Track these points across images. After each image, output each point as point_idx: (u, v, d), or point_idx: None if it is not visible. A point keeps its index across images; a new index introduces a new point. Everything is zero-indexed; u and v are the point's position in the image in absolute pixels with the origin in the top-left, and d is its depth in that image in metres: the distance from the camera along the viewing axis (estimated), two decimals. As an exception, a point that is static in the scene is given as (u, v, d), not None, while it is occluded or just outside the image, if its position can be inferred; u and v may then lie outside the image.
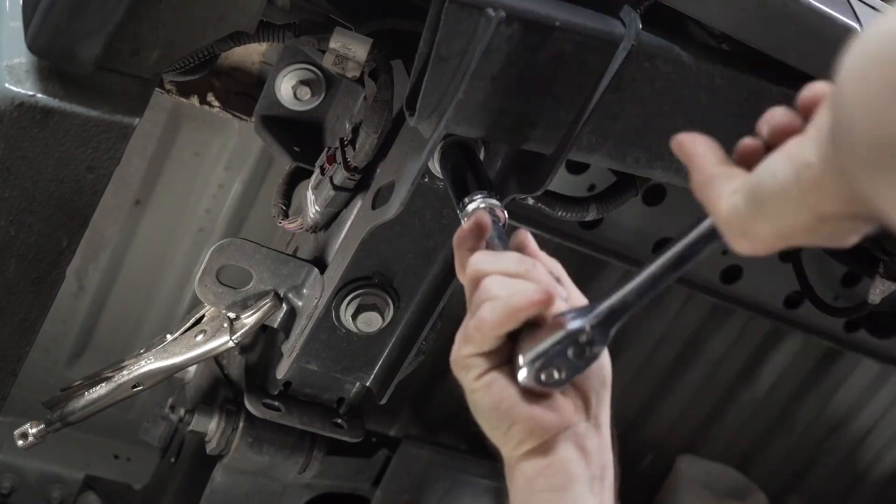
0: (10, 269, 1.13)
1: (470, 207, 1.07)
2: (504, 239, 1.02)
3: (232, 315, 1.40)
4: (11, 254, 1.12)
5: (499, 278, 0.95)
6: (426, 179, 1.25)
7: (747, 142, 0.81)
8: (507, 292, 0.92)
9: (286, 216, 1.48)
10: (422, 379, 2.03)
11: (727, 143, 1.22)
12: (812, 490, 2.60)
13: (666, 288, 0.94)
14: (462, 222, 1.07)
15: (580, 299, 1.01)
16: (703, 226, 0.88)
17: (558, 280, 1.00)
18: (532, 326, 0.94)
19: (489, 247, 1.00)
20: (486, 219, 1.00)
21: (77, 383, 1.42)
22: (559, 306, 0.94)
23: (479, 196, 1.07)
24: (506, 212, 1.07)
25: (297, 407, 1.57)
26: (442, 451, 1.84)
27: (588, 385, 0.97)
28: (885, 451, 2.57)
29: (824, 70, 1.16)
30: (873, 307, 1.64)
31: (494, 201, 1.06)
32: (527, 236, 1.03)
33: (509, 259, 0.97)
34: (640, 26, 1.07)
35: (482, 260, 0.97)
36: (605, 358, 1.00)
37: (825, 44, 1.15)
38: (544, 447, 0.94)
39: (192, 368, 1.71)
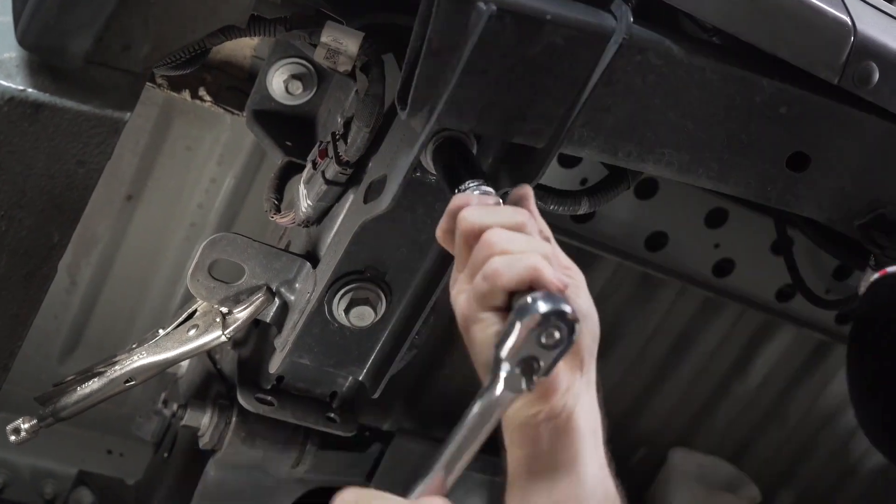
0: (1, 264, 1.12)
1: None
2: None
3: (224, 310, 1.40)
4: (2, 249, 1.11)
5: (501, 232, 0.96)
6: (418, 173, 1.25)
7: None
8: (517, 247, 0.94)
9: (278, 211, 1.48)
10: (415, 373, 2.03)
11: (719, 136, 1.22)
12: (804, 482, 2.61)
13: None
14: None
15: (563, 260, 1.03)
16: None
17: (547, 240, 1.02)
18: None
19: None
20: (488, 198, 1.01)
21: (69, 378, 1.42)
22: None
23: (473, 183, 1.06)
24: (501, 200, 1.07)
25: (290, 401, 1.56)
26: (435, 445, 1.84)
27: (581, 343, 0.99)
28: (877, 443, 2.58)
29: (816, 63, 1.17)
30: (864, 300, 1.64)
31: (488, 188, 1.06)
32: (528, 191, 1.04)
33: (505, 212, 0.99)
34: (632, 20, 1.07)
35: (477, 213, 0.98)
36: (593, 312, 1.02)
37: (816, 37, 1.15)
38: (549, 410, 0.98)
39: (185, 363, 1.71)
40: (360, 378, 1.47)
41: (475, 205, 1.00)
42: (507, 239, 0.96)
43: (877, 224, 1.34)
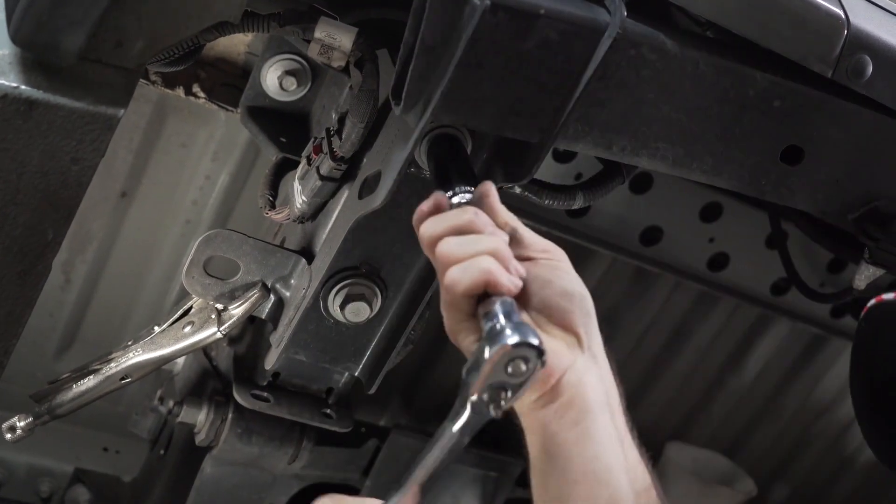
0: (-4, 261, 1.12)
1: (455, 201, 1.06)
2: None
3: (220, 306, 1.40)
4: (-3, 246, 1.11)
5: (450, 240, 0.99)
6: (412, 169, 1.24)
7: None
8: (466, 252, 0.97)
9: (273, 207, 1.48)
10: (411, 369, 2.03)
11: (712, 130, 1.22)
12: (799, 475, 2.62)
13: None
14: None
15: (538, 244, 1.04)
16: None
17: (514, 232, 1.03)
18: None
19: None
20: (444, 199, 1.03)
21: (65, 376, 1.42)
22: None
23: (462, 191, 1.06)
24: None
25: (286, 398, 1.57)
26: (431, 441, 1.84)
27: (573, 320, 1.01)
28: (872, 436, 2.58)
29: (809, 57, 1.17)
30: (859, 293, 1.64)
31: (469, 192, 1.06)
32: (490, 188, 1.06)
33: (451, 216, 1.01)
34: (626, 14, 1.07)
35: (430, 224, 1.02)
36: (580, 288, 1.03)
37: (810, 31, 1.15)
38: (552, 392, 0.99)
39: (181, 360, 1.71)
40: (356, 374, 1.47)
41: (430, 215, 1.03)
42: (456, 245, 0.98)
43: (871, 217, 1.35)
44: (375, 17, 1.29)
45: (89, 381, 1.39)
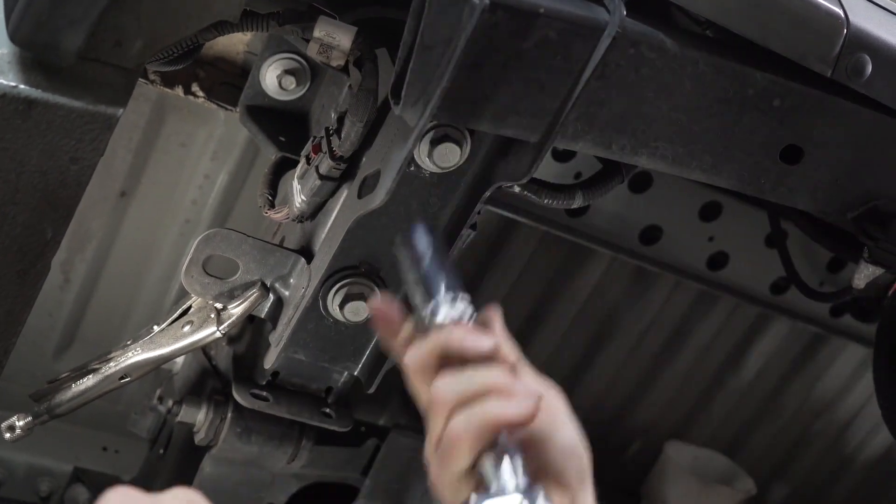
0: (-5, 261, 1.12)
1: (438, 319, 0.95)
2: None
3: (219, 305, 1.40)
4: (-4, 246, 1.11)
5: (449, 378, 0.91)
6: (412, 168, 1.25)
7: None
8: (467, 391, 0.90)
9: (272, 206, 1.48)
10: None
11: (712, 129, 1.22)
12: (799, 474, 2.62)
13: None
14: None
15: (532, 380, 0.99)
16: None
17: (514, 367, 0.96)
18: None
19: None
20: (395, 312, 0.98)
21: (64, 375, 1.42)
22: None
23: (449, 300, 0.96)
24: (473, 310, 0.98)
25: (286, 397, 1.57)
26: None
27: (570, 480, 0.96)
28: (871, 435, 2.59)
29: (809, 56, 1.17)
30: (858, 292, 1.64)
31: (462, 306, 0.96)
32: (495, 317, 0.99)
33: (468, 378, 0.91)
34: (625, 13, 1.07)
35: (417, 352, 0.94)
36: (579, 444, 0.98)
37: (809, 30, 1.15)
38: None
39: (180, 359, 1.71)
40: (356, 373, 1.47)
41: (443, 376, 0.93)
42: (456, 384, 0.91)
43: (870, 216, 1.35)
44: (375, 17, 1.29)
45: (88, 381, 1.39)
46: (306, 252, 1.41)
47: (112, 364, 1.39)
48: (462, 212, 1.32)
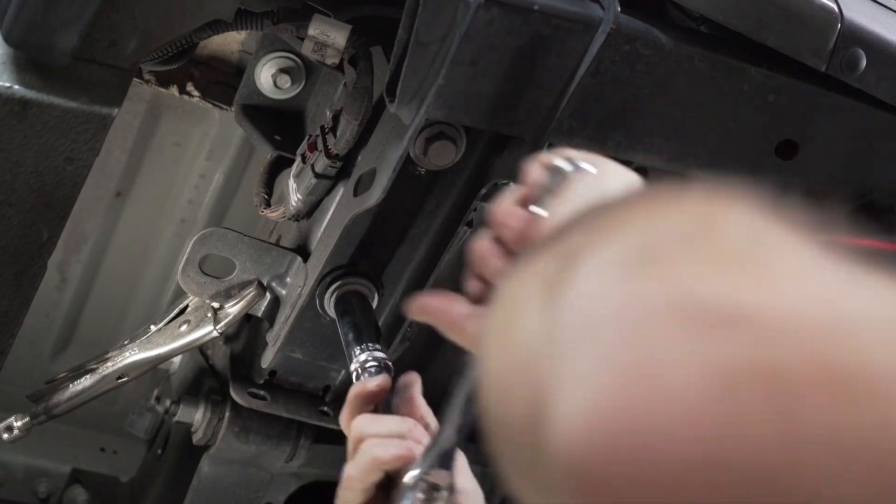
0: (-9, 262, 1.12)
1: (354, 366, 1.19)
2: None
3: (216, 305, 1.40)
4: (-8, 247, 1.11)
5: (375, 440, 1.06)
6: (407, 166, 1.24)
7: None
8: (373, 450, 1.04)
9: (268, 205, 1.48)
10: (406, 366, 2.03)
11: (707, 125, 1.23)
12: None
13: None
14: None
15: None
16: None
17: (427, 427, 1.09)
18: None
19: None
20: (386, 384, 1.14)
21: (61, 376, 1.42)
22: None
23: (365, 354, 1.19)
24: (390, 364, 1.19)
25: (283, 396, 1.56)
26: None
27: None
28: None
29: (803, 51, 1.17)
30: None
31: (377, 354, 1.20)
32: (416, 380, 1.16)
33: (385, 422, 1.09)
34: (619, 9, 1.07)
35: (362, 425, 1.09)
36: (475, 490, 1.10)
37: (803, 25, 1.15)
38: None
39: (177, 359, 1.71)
40: (353, 371, 1.47)
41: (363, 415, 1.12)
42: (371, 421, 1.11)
43: (866, 210, 1.35)
44: (369, 15, 1.29)
45: (86, 381, 1.39)
46: (303, 251, 1.41)
47: (109, 364, 1.39)
48: (458, 209, 1.32)
